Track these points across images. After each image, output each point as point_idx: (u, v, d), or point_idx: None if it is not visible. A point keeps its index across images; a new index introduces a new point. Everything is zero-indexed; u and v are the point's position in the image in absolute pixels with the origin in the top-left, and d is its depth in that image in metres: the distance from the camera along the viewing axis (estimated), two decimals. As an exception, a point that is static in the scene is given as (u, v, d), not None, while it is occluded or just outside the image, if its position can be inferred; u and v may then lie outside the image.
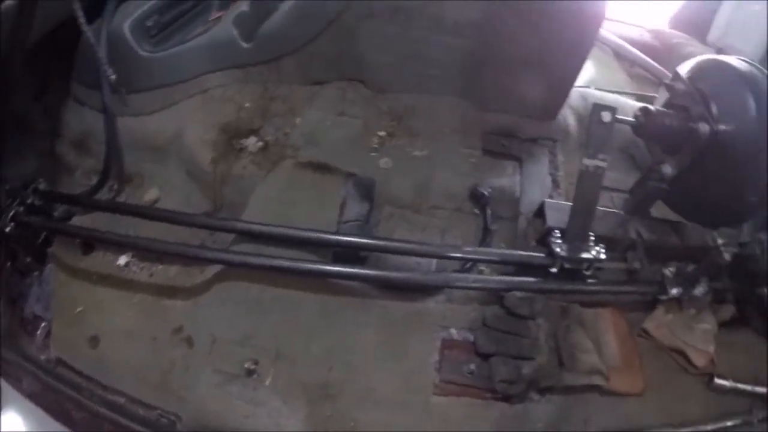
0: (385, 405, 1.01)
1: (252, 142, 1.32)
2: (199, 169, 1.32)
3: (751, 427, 1.17)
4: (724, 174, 1.11)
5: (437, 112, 1.31)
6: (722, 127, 1.08)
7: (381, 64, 1.30)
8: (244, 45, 1.36)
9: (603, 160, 1.04)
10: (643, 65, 1.88)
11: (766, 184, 1.09)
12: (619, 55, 1.95)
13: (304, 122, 1.30)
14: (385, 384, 1.03)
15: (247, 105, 1.36)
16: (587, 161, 1.04)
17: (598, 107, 1.04)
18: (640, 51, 1.93)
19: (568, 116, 1.36)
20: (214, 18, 1.50)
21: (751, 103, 1.08)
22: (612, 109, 1.04)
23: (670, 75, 1.27)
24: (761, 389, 1.20)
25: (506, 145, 1.29)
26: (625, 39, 2.01)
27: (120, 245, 1.26)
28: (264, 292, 1.12)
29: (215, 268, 1.16)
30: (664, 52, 1.97)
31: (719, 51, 1.99)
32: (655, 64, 1.88)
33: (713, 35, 2.10)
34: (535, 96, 1.26)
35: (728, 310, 1.24)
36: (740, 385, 1.18)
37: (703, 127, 1.07)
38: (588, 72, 1.81)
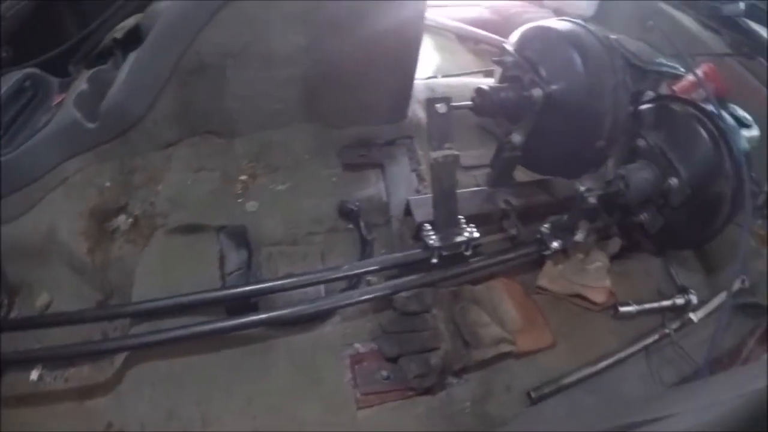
0: (317, 432, 1.02)
1: (122, 221, 1.30)
2: (80, 261, 1.28)
3: (669, 338, 1.25)
4: (568, 128, 1.17)
5: (292, 142, 1.33)
6: (553, 87, 1.15)
7: (225, 111, 1.30)
8: (90, 125, 1.32)
9: (450, 148, 1.08)
10: (485, 41, 1.96)
11: (608, 128, 1.15)
12: (462, 36, 2.02)
13: (166, 187, 1.28)
14: (310, 414, 1.04)
15: (108, 185, 1.33)
16: (434, 154, 1.07)
17: (432, 101, 1.07)
18: (481, 28, 2.01)
19: (417, 110, 1.41)
20: (56, 103, 1.45)
21: (576, 58, 1.14)
22: (446, 100, 1.07)
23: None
24: (666, 302, 1.29)
25: (365, 155, 1.32)
26: (465, 20, 2.08)
27: (26, 361, 1.22)
28: (173, 365, 1.10)
29: (122, 356, 1.15)
30: (504, 24, 2.05)
31: (556, 12, 2.08)
32: (497, 37, 1.94)
33: (548, -3, 2.18)
34: (380, 103, 1.30)
35: (615, 243, 1.31)
36: (645, 306, 1.26)
37: (537, 92, 1.14)
38: (433, 61, 1.87)
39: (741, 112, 1.30)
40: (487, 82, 1.33)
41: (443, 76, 1.55)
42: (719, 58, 1.60)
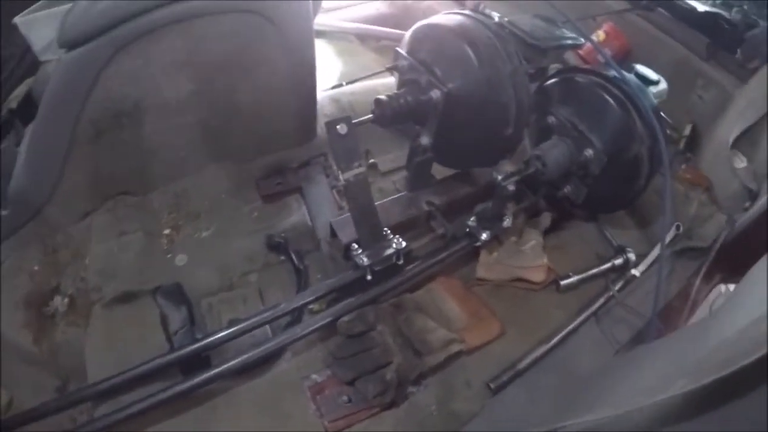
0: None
1: (59, 303, 1.26)
2: (28, 353, 1.25)
3: (614, 298, 1.28)
4: (474, 121, 1.17)
5: (207, 185, 1.31)
6: (451, 85, 1.14)
7: (133, 169, 1.28)
8: (3, 212, 1.29)
9: (359, 166, 1.07)
10: (386, 37, 1.94)
11: (514, 114, 1.15)
12: (362, 36, 1.99)
13: (93, 260, 1.25)
14: None
15: (36, 268, 1.29)
16: (344, 176, 1.06)
17: (332, 123, 1.05)
18: (381, 23, 1.99)
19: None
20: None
21: (468, 52, 1.13)
22: (346, 119, 1.06)
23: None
24: (606, 265, 1.32)
25: (282, 183, 1.31)
26: (363, 18, 2.05)
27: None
28: None
29: None
30: (404, 16, 2.04)
31: None
32: (398, 31, 1.92)
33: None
34: (286, 128, 1.28)
35: (546, 218, 1.34)
36: (586, 274, 1.29)
37: (435, 94, 1.13)
38: (336, 68, 1.85)
39: (645, 71, 1.32)
40: (391, 82, 1.32)
41: (348, 83, 1.53)
42: (620, 15, 1.62)
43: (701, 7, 1.54)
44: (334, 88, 1.52)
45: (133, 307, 1.19)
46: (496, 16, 1.85)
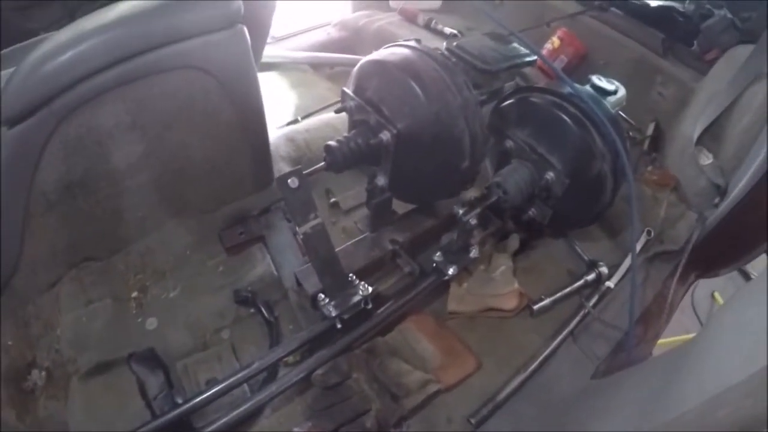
0: None
1: (37, 376, 1.24)
2: (14, 430, 1.25)
3: (590, 315, 1.28)
4: (429, 157, 1.14)
5: (170, 242, 1.29)
6: (400, 125, 1.11)
7: (93, 236, 1.26)
8: (-32, 289, 1.28)
9: (315, 217, 1.05)
10: (339, 63, 1.91)
11: (468, 147, 1.13)
12: (315, 65, 1.96)
13: (64, 330, 1.23)
14: None
15: (10, 343, 1.26)
16: (301, 229, 1.04)
17: (283, 179, 1.02)
18: (334, 48, 1.95)
19: (283, 168, 1.37)
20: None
21: (415, 88, 1.09)
22: (296, 173, 1.03)
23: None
24: (578, 282, 1.32)
25: (244, 232, 1.29)
26: (315, 45, 2.02)
27: None
28: None
29: None
30: (356, 38, 2.00)
31: (402, 12, 2.04)
32: (350, 56, 1.90)
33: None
34: (242, 177, 1.26)
35: (515, 240, 1.33)
36: (558, 294, 1.29)
37: (385, 135, 1.11)
38: (290, 101, 1.81)
39: (602, 82, 1.29)
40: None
41: (303, 117, 1.50)
42: (573, 18, 1.59)
43: (654, 3, 1.52)
44: (289, 124, 1.49)
45: (110, 377, 1.18)
46: (447, 32, 1.84)
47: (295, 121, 1.53)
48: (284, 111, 1.70)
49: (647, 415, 0.75)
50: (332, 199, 1.43)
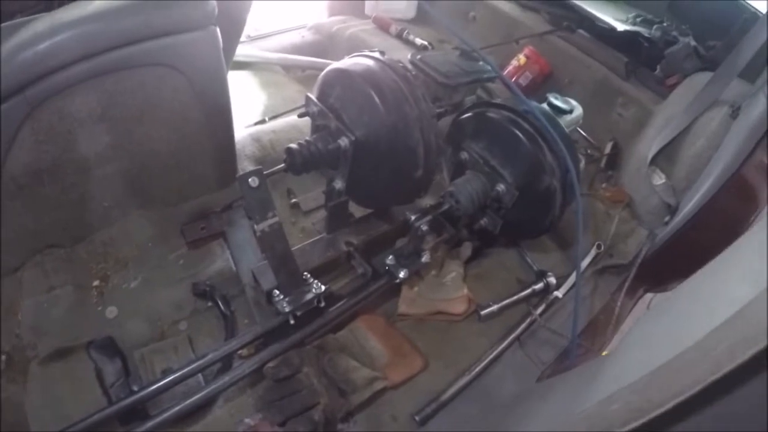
0: None
1: (-3, 361, 1.29)
2: None
3: (537, 322, 1.34)
4: (385, 165, 1.18)
5: (132, 233, 1.32)
6: (358, 132, 1.16)
7: (57, 222, 1.28)
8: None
9: (273, 216, 1.10)
10: (311, 66, 1.95)
11: (422, 157, 1.16)
12: (287, 66, 1.99)
13: (25, 315, 1.25)
14: None
15: (-30, 326, 1.31)
16: (258, 227, 1.08)
17: (244, 178, 1.06)
18: (307, 51, 1.99)
19: (248, 167, 1.41)
20: None
21: (374, 98, 1.13)
22: (257, 173, 1.07)
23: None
24: (526, 291, 1.37)
25: (206, 227, 1.33)
26: (289, 47, 2.05)
27: None
28: None
29: None
30: (329, 43, 2.04)
31: (376, 20, 2.08)
32: (321, 60, 1.93)
33: (369, 7, 2.17)
34: (206, 173, 1.29)
35: (467, 248, 1.38)
36: (506, 301, 1.34)
37: (343, 142, 1.15)
38: (260, 101, 1.84)
39: (558, 101, 1.35)
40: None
41: (270, 118, 1.53)
42: (541, 37, 1.65)
43: (621, 27, 1.58)
44: (257, 123, 1.53)
45: (68, 363, 1.20)
46: (419, 43, 1.89)
47: (262, 122, 1.56)
48: (253, 110, 1.73)
49: (566, 413, 0.81)
50: (293, 200, 1.46)
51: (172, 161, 1.28)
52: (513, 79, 1.61)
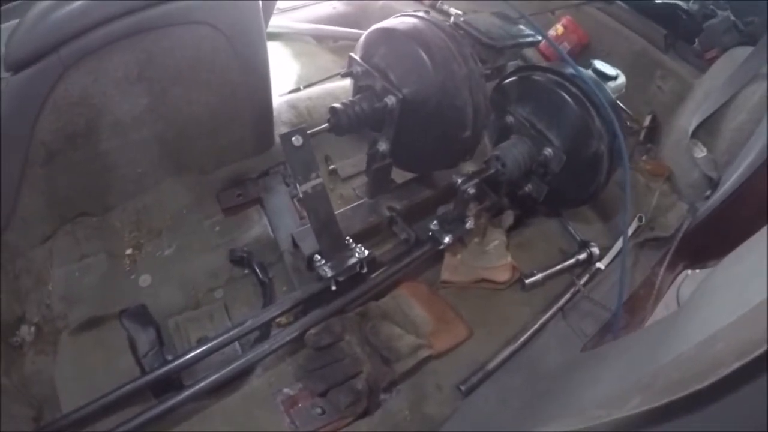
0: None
1: (26, 332, 1.22)
2: None
3: (581, 292, 1.30)
4: (431, 125, 1.16)
5: (167, 201, 1.29)
6: (406, 90, 1.13)
7: (90, 189, 1.25)
8: (-42, 241, 1.26)
9: (316, 177, 1.07)
10: (343, 37, 1.93)
11: (471, 117, 1.14)
12: (319, 37, 1.97)
13: (56, 285, 1.22)
14: None
15: (-1, 297, 1.27)
16: (302, 188, 1.06)
17: (287, 136, 1.04)
18: (339, 23, 1.97)
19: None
20: None
21: (423, 56, 1.11)
22: (300, 131, 1.05)
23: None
24: (570, 261, 1.34)
25: (242, 194, 1.29)
26: (321, 18, 2.02)
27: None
28: None
29: None
30: (362, 14, 2.01)
31: None
32: (354, 31, 1.91)
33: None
34: (243, 138, 1.26)
35: (509, 216, 1.35)
36: (550, 271, 1.31)
37: (390, 100, 1.12)
38: (293, 71, 1.81)
39: (603, 66, 1.32)
40: (349, 85, 1.30)
41: (305, 86, 1.51)
42: (578, 8, 1.63)
43: (659, -1, 1.55)
44: (291, 92, 1.50)
45: (100, 332, 1.17)
46: (453, 12, 1.86)
47: (297, 90, 1.53)
48: (286, 80, 1.70)
49: (636, 372, 0.77)
50: (331, 166, 1.43)
51: (210, 125, 1.24)
52: (551, 50, 1.59)
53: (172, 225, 1.27)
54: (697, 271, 1.55)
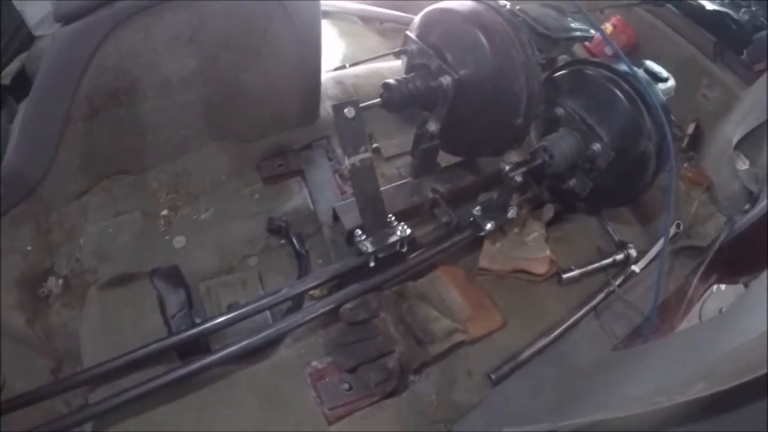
0: (297, 457, 1.01)
1: (53, 284, 1.22)
2: (22, 335, 1.20)
3: (615, 293, 1.29)
4: (483, 109, 1.15)
5: (207, 166, 1.28)
6: (462, 72, 1.12)
7: (131, 148, 1.24)
8: (-6, 192, 1.26)
9: (365, 150, 1.05)
10: (390, 19, 1.92)
11: (524, 104, 1.13)
12: (365, 18, 1.96)
13: (88, 240, 1.22)
14: None
15: (29, 248, 1.24)
16: (350, 160, 1.04)
17: (340, 107, 1.03)
18: (386, 5, 1.96)
19: (329, 108, 1.34)
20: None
21: (481, 39, 1.11)
22: (353, 103, 1.04)
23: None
24: (607, 260, 1.32)
25: (283, 164, 1.29)
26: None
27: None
28: (142, 423, 1.06)
29: (88, 426, 1.09)
30: None
31: None
32: (402, 14, 1.90)
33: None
34: (289, 109, 1.25)
35: (549, 210, 1.33)
36: (587, 268, 1.30)
37: (446, 80, 1.11)
38: (339, 49, 1.81)
39: (656, 67, 1.31)
40: (396, 66, 1.29)
41: (351, 65, 1.50)
42: (628, 8, 1.61)
43: (710, 6, 1.53)
44: (336, 69, 1.49)
45: (130, 290, 1.16)
46: (506, 2, 1.85)
47: (342, 67, 1.52)
48: (332, 57, 1.70)
49: (694, 362, 0.75)
50: (374, 145, 1.41)
51: (257, 93, 1.23)
52: (599, 48, 1.57)
53: (210, 190, 1.26)
54: (723, 288, 1.53)
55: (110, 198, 1.25)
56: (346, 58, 1.67)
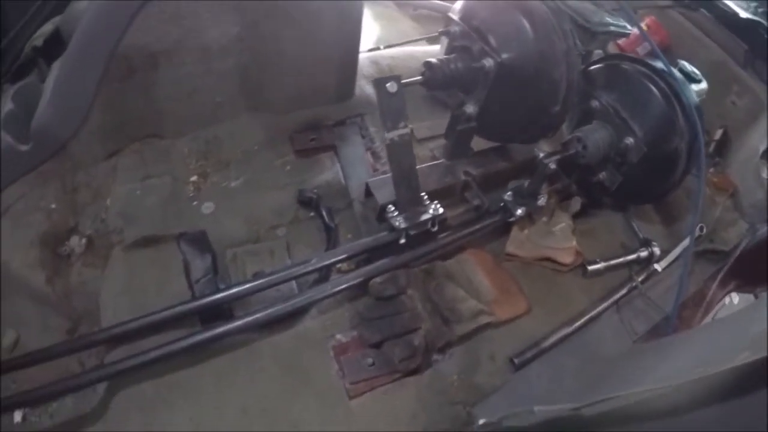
0: (315, 429, 1.01)
1: (76, 243, 1.21)
2: (40, 293, 1.19)
3: (637, 290, 1.29)
4: (522, 95, 1.16)
5: (239, 135, 1.28)
6: (505, 55, 1.12)
7: (164, 112, 1.24)
8: (24, 148, 1.22)
9: (404, 126, 1.05)
10: (424, 6, 1.93)
11: (563, 92, 1.13)
12: (400, 3, 1.98)
13: (115, 201, 1.21)
14: (305, 412, 1.02)
15: (53, 206, 1.23)
16: (389, 134, 1.04)
17: (382, 81, 1.03)
18: None
19: (365, 86, 1.37)
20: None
21: (525, 24, 1.11)
22: (395, 78, 1.04)
23: (451, 6, 1.29)
24: (632, 256, 1.33)
25: (316, 138, 1.29)
26: None
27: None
28: (159, 385, 1.05)
29: (102, 385, 1.09)
30: None
31: None
32: (436, 1, 1.90)
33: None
34: (325, 84, 1.25)
35: (576, 202, 1.34)
36: (612, 262, 1.30)
37: (488, 62, 1.12)
38: (373, 31, 1.83)
39: (690, 68, 1.33)
40: (431, 50, 1.29)
41: (386, 47, 1.51)
42: (662, 10, 1.63)
43: (743, 14, 1.55)
44: (371, 50, 1.50)
45: (155, 252, 1.15)
46: None
47: (376, 49, 1.53)
48: (366, 39, 1.67)
49: (728, 353, 0.76)
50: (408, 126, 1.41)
51: (296, 66, 1.23)
52: (632, 48, 1.59)
53: (242, 159, 1.26)
54: (736, 301, 1.54)
55: (141, 160, 1.25)
56: (380, 40, 1.69)
